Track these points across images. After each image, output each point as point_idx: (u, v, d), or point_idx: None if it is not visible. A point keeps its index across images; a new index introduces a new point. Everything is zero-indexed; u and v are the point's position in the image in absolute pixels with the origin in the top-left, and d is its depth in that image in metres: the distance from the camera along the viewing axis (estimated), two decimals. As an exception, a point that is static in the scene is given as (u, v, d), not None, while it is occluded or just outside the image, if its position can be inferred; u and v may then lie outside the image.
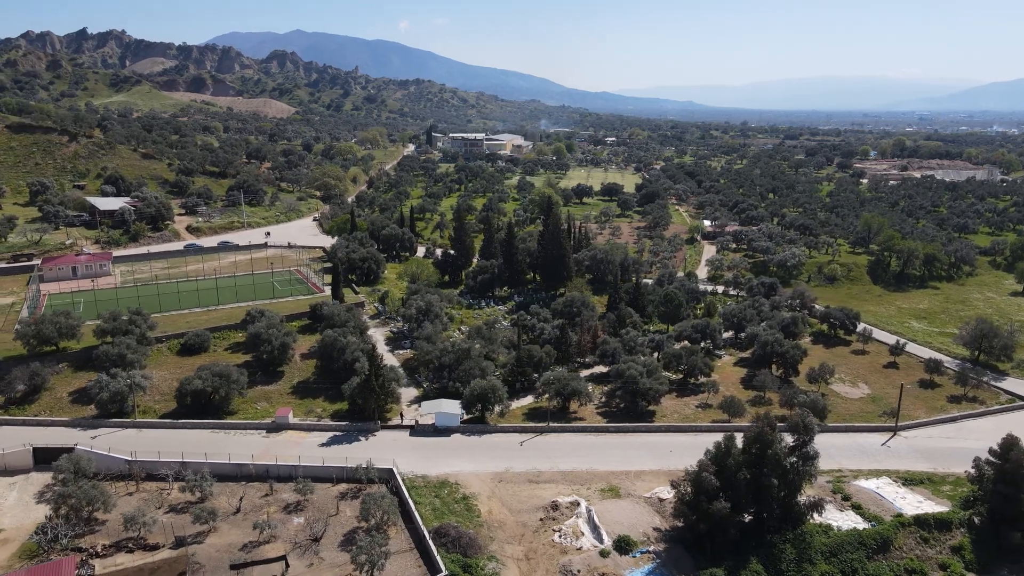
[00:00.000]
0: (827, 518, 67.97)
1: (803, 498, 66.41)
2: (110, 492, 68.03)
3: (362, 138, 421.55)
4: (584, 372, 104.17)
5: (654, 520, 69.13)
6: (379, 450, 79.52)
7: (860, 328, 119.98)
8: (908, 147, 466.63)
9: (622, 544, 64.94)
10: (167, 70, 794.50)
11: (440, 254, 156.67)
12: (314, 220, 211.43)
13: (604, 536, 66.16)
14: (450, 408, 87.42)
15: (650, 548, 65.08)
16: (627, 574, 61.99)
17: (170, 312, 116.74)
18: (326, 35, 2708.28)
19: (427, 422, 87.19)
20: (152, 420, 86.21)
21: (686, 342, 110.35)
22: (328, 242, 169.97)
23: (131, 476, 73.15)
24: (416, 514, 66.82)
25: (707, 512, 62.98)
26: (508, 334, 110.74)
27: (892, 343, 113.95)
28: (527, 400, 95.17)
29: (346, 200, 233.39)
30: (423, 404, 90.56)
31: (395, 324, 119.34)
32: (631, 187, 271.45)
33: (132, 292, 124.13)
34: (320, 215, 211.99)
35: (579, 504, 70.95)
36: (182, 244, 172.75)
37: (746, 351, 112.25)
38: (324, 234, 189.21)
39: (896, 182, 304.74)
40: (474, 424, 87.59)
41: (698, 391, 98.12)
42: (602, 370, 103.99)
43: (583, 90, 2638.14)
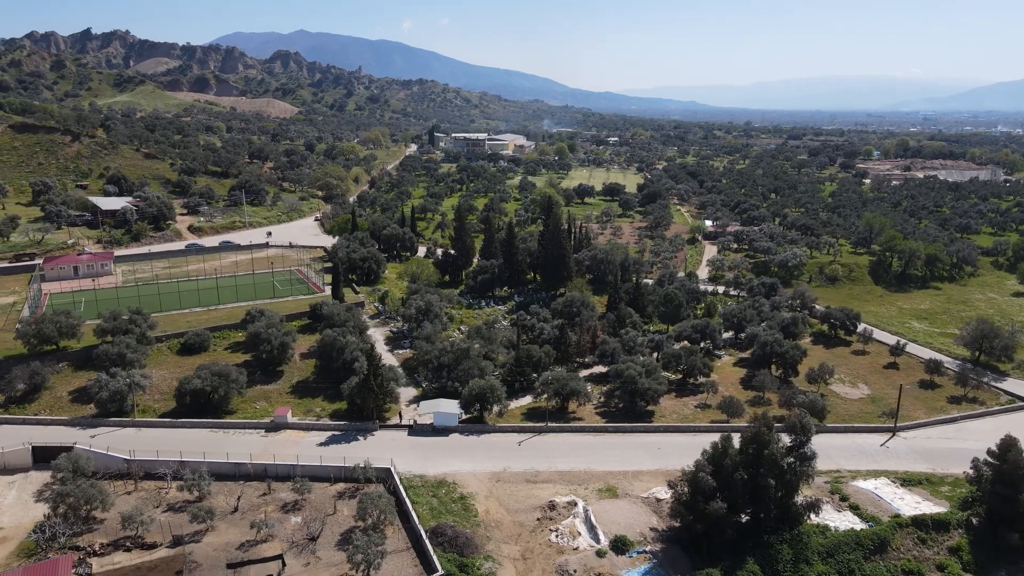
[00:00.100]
0: (824, 518, 67.86)
1: (800, 498, 66.27)
2: (108, 491, 68.24)
3: (364, 138, 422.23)
4: (583, 372, 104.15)
5: (651, 520, 69.11)
6: (377, 450, 79.68)
7: (860, 328, 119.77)
8: (911, 147, 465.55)
9: (619, 544, 64.94)
10: (171, 70, 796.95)
11: (441, 254, 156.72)
12: (316, 220, 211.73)
13: (601, 536, 66.14)
14: (448, 408, 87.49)
15: (647, 548, 65.07)
16: (623, 574, 61.97)
17: (170, 312, 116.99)
18: (330, 35, 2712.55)
19: (425, 422, 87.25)
20: (151, 419, 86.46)
21: (686, 342, 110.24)
22: (329, 242, 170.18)
23: (129, 475, 73.42)
24: (413, 513, 66.91)
25: (704, 512, 62.97)
26: (507, 334, 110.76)
27: (892, 343, 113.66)
28: (526, 400, 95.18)
29: (348, 200, 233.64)
30: (422, 404, 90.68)
31: (395, 324, 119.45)
32: (633, 187, 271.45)
33: (133, 292, 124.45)
34: (321, 215, 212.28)
35: (576, 504, 70.97)
36: (184, 244, 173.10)
37: (746, 351, 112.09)
38: (325, 234, 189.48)
39: (899, 182, 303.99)
40: (472, 424, 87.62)
41: (697, 391, 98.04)
42: (601, 370, 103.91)
43: (586, 90, 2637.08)
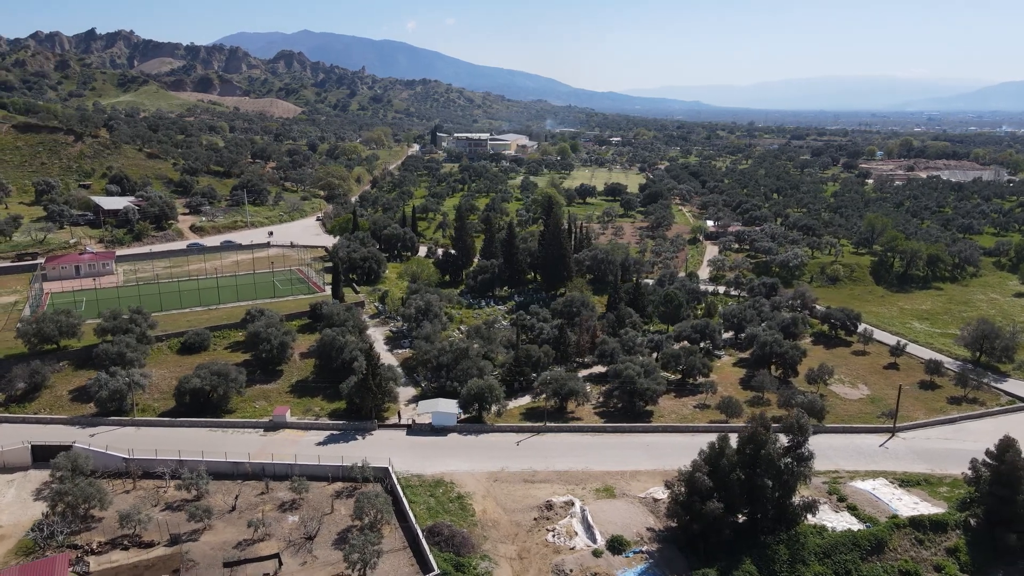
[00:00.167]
0: (822, 519, 67.78)
1: (798, 499, 66.13)
2: (107, 490, 68.40)
3: (367, 138, 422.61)
4: (583, 372, 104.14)
5: (648, 520, 69.08)
6: (375, 449, 79.81)
7: (861, 329, 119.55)
8: (915, 147, 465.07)
9: (615, 544, 64.92)
10: (175, 70, 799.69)
11: (441, 254, 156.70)
12: (317, 220, 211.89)
13: (598, 536, 66.14)
14: (447, 407, 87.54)
15: (643, 548, 65.04)
16: (620, 574, 61.96)
17: (171, 311, 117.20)
18: (333, 35, 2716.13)
19: (424, 421, 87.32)
20: (150, 418, 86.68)
21: (685, 342, 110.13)
22: (330, 242, 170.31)
23: (128, 474, 73.60)
24: (410, 513, 66.98)
25: (700, 512, 62.90)
26: (507, 334, 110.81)
27: (893, 344, 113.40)
28: (525, 400, 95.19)
29: (350, 200, 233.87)
30: (420, 403, 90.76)
31: (395, 323, 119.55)
32: (635, 187, 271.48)
33: (134, 291, 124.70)
34: (323, 215, 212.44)
35: (573, 504, 70.97)
36: (185, 243, 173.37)
37: (746, 352, 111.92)
38: (327, 233, 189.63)
39: (902, 182, 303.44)
40: (471, 424, 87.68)
41: (696, 391, 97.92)
42: (601, 370, 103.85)
43: (590, 90, 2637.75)
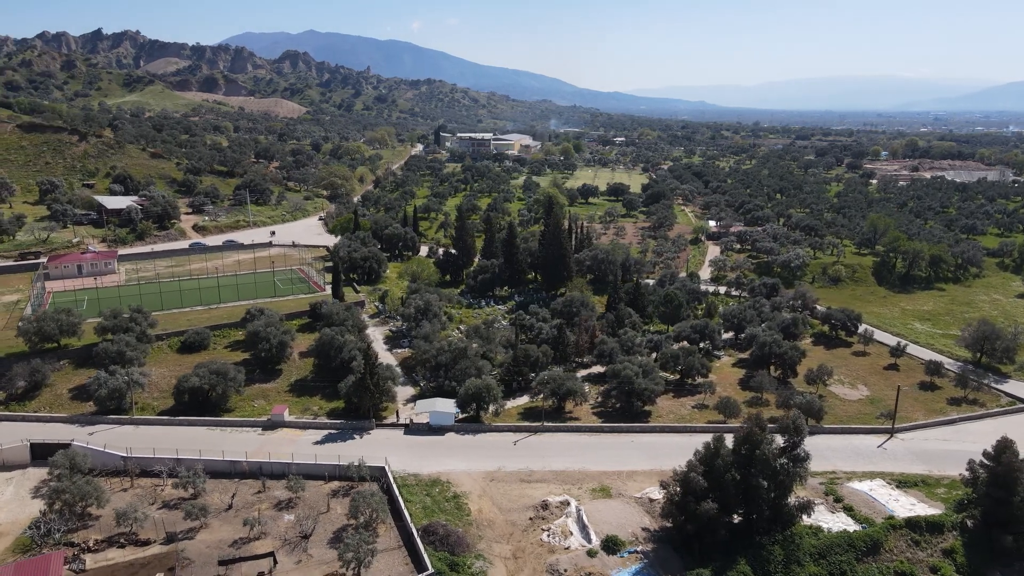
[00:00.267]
0: (818, 520, 67.66)
1: (793, 499, 66.06)
2: (104, 488, 68.61)
3: (370, 138, 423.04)
4: (581, 372, 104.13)
5: (644, 520, 69.04)
6: (373, 448, 80.00)
7: (861, 329, 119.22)
8: (920, 148, 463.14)
9: (610, 544, 64.90)
10: (180, 70, 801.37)
11: (442, 253, 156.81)
12: (319, 219, 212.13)
13: (592, 536, 66.15)
14: (445, 407, 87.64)
15: (638, 548, 65.01)
16: (614, 574, 61.94)
17: (172, 310, 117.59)
18: (339, 35, 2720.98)
19: (422, 421, 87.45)
20: (149, 417, 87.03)
21: (685, 343, 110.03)
22: (332, 241, 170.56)
23: (126, 472, 73.92)
24: (406, 512, 67.07)
25: (695, 513, 62.85)
26: (506, 334, 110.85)
27: (893, 345, 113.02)
28: (523, 400, 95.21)
29: (352, 200, 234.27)
30: (418, 403, 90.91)
31: (394, 323, 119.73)
32: (637, 187, 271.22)
33: (135, 290, 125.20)
34: (325, 214, 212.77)
35: (569, 504, 70.97)
36: (187, 243, 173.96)
37: (745, 352, 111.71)
38: (328, 233, 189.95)
39: (906, 183, 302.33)
40: (469, 423, 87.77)
41: (695, 392, 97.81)
42: (599, 370, 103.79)
43: (595, 90, 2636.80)
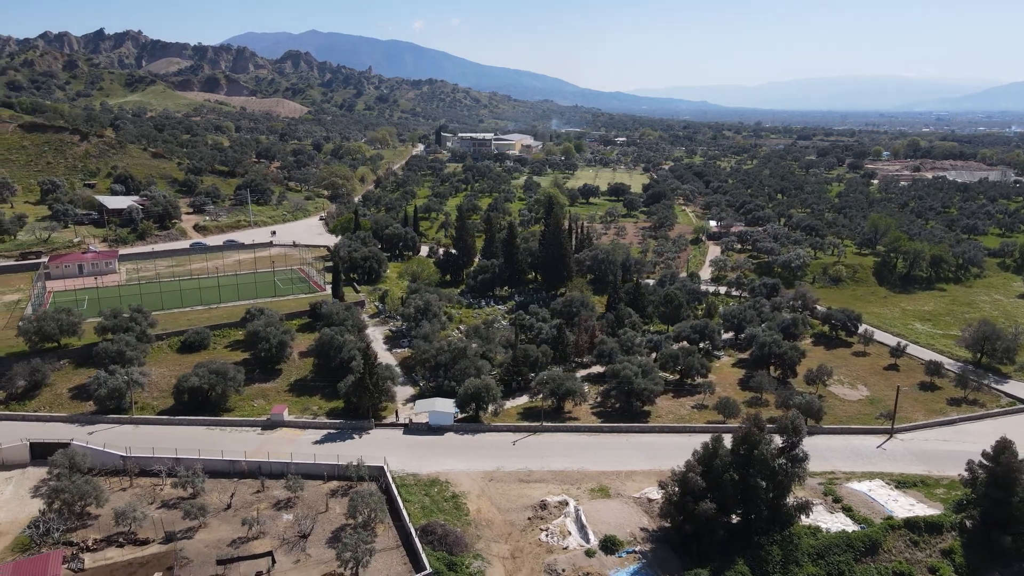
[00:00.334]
0: (817, 520, 67.61)
1: (792, 499, 66.04)
2: (103, 487, 68.66)
3: (371, 138, 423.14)
4: (581, 372, 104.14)
5: (642, 520, 69.04)
6: (372, 448, 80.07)
7: (861, 330, 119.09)
8: (922, 148, 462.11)
9: (608, 544, 64.92)
10: (182, 70, 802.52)
11: (442, 253, 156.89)
12: (320, 219, 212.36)
13: (591, 536, 66.15)
14: (444, 407, 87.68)
15: (636, 548, 65.02)
16: (612, 574, 61.96)
17: (172, 310, 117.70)
18: (340, 35, 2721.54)
19: (421, 421, 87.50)
20: (149, 416, 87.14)
21: (684, 343, 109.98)
22: (333, 241, 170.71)
23: (125, 472, 74.02)
24: (404, 512, 67.09)
25: (693, 513, 62.84)
26: (506, 334, 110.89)
27: (893, 345, 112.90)
28: (522, 400, 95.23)
29: (353, 199, 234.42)
30: (417, 403, 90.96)
31: (394, 323, 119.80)
32: (638, 187, 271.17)
33: (135, 290, 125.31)
34: (326, 214, 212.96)
35: (568, 504, 70.98)
36: (188, 243, 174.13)
37: (745, 352, 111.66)
38: (329, 233, 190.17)
39: (907, 183, 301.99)
40: (468, 423, 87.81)
41: (695, 392, 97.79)
42: (599, 370, 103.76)
43: (597, 90, 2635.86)
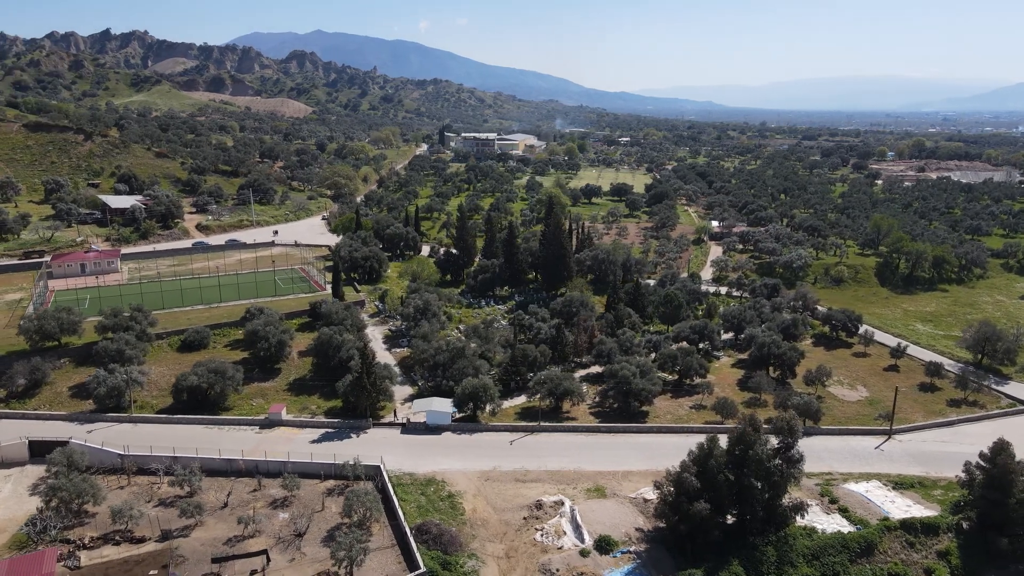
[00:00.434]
0: (812, 521, 67.44)
1: (787, 500, 65.88)
2: (101, 485, 68.93)
3: (375, 138, 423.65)
4: (580, 372, 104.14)
5: (637, 520, 69.01)
6: (369, 447, 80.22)
7: (862, 330, 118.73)
8: (927, 148, 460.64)
9: (603, 544, 64.90)
10: (187, 70, 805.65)
11: (443, 253, 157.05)
12: (322, 219, 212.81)
13: (586, 536, 66.13)
14: (442, 406, 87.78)
15: (631, 548, 64.98)
16: (606, 574, 61.94)
17: (172, 309, 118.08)
18: (346, 35, 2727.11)
19: (419, 420, 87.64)
20: (148, 415, 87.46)
21: (684, 343, 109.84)
22: (334, 241, 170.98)
23: (123, 470, 74.35)
24: (400, 511, 67.22)
25: (688, 513, 62.76)
26: (505, 333, 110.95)
27: (894, 346, 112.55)
28: (520, 399, 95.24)
29: (355, 199, 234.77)
30: (415, 402, 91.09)
31: (394, 322, 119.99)
32: (641, 187, 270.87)
33: (136, 289, 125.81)
34: (328, 214, 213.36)
35: (563, 503, 70.98)
36: (190, 242, 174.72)
37: (745, 353, 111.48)
38: (331, 233, 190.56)
39: (911, 183, 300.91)
40: (466, 423, 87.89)
41: (693, 392, 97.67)
42: (598, 370, 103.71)
43: (602, 90, 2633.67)
